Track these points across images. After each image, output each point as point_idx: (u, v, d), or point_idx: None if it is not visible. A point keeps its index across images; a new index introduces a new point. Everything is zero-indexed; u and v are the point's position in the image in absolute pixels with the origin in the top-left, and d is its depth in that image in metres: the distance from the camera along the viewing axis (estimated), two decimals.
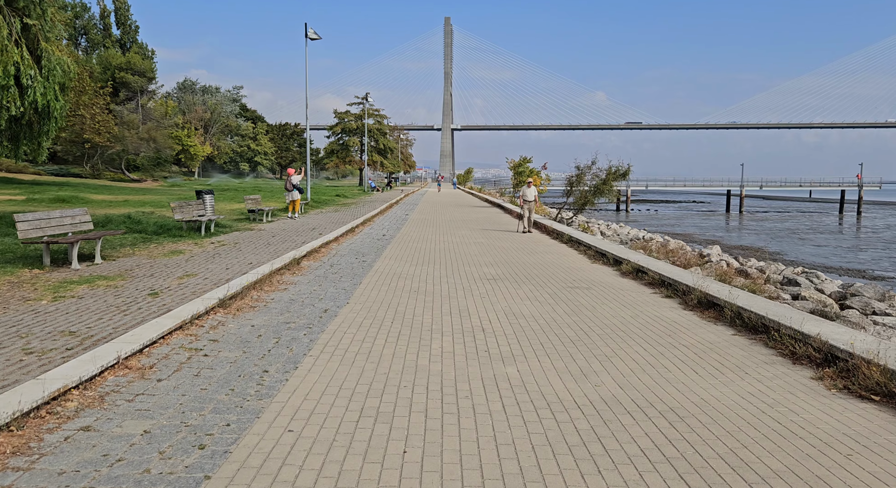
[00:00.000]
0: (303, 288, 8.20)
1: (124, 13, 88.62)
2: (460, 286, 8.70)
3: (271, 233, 14.82)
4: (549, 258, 12.09)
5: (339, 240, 14.21)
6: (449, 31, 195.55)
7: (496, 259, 11.79)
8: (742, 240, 42.71)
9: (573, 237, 14.36)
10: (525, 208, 16.65)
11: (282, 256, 10.20)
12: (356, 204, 30.63)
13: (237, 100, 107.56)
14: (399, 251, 12.69)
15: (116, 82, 66.08)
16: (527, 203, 16.59)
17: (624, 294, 8.28)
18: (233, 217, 19.01)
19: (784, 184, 78.90)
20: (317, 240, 12.91)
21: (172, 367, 4.66)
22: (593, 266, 11.08)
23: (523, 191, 16.74)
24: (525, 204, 16.65)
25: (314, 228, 16.28)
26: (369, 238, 15.32)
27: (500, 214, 25.65)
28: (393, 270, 10.03)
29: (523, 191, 16.74)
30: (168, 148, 57.49)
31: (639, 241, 15.82)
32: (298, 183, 19.17)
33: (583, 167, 19.86)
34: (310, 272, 9.57)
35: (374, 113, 65.44)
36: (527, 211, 16.58)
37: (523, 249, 13.47)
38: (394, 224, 19.90)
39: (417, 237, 15.72)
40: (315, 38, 24.61)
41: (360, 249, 12.83)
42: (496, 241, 14.93)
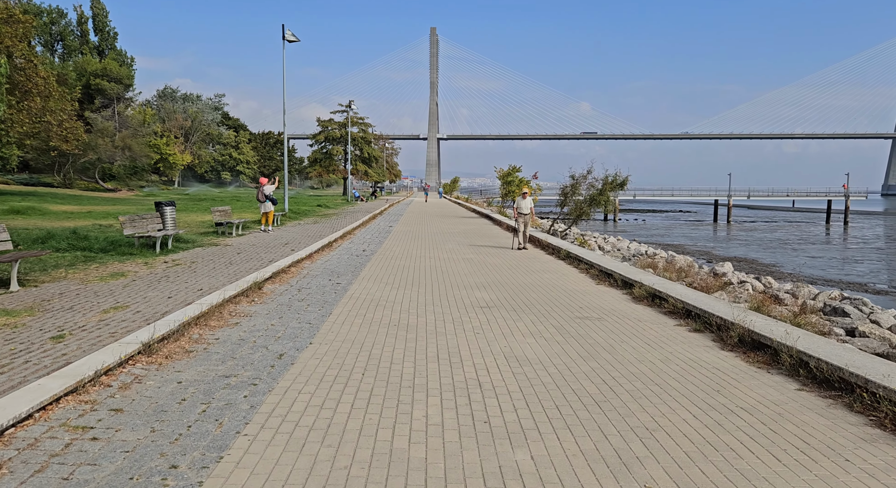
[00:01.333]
0: (259, 321, 6.77)
1: (102, 19, 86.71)
2: (449, 316, 7.33)
3: (238, 249, 13.34)
4: (548, 278, 10.78)
5: (312, 258, 12.78)
6: (435, 41, 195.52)
7: (489, 280, 10.45)
8: (733, 252, 41.84)
9: (571, 253, 13.08)
10: (520, 221, 14.98)
11: (241, 279, 8.76)
12: (337, 215, 29.17)
13: (219, 108, 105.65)
14: (379, 270, 11.31)
15: (92, 89, 64.15)
16: (522, 216, 14.95)
17: (643, 327, 6.97)
18: (200, 230, 17.49)
19: (771, 194, 78.81)
20: (287, 258, 11.47)
21: (33, 465, 3.21)
22: (599, 288, 9.78)
23: (517, 202, 15.05)
24: (520, 217, 14.98)
25: (287, 243, 14.82)
26: (347, 254, 13.91)
27: (488, 226, 24.37)
28: (371, 295, 8.63)
29: (517, 203, 15.05)
30: (144, 156, 55.55)
31: (643, 257, 14.60)
32: (272, 193, 17.72)
33: (578, 176, 18.64)
34: (272, 299, 8.14)
35: (358, 121, 64.08)
36: (521, 224, 14.94)
37: (518, 267, 12.16)
38: (376, 237, 18.50)
39: (401, 252, 14.34)
40: (293, 40, 23.27)
41: (335, 268, 11.41)
42: (487, 257, 13.60)
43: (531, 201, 14.99)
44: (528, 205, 14.90)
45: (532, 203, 14.89)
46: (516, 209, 15.05)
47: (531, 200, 15.00)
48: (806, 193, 76.84)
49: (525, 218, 14.94)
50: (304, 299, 8.21)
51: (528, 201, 14.95)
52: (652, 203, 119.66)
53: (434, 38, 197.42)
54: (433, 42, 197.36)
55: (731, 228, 63.94)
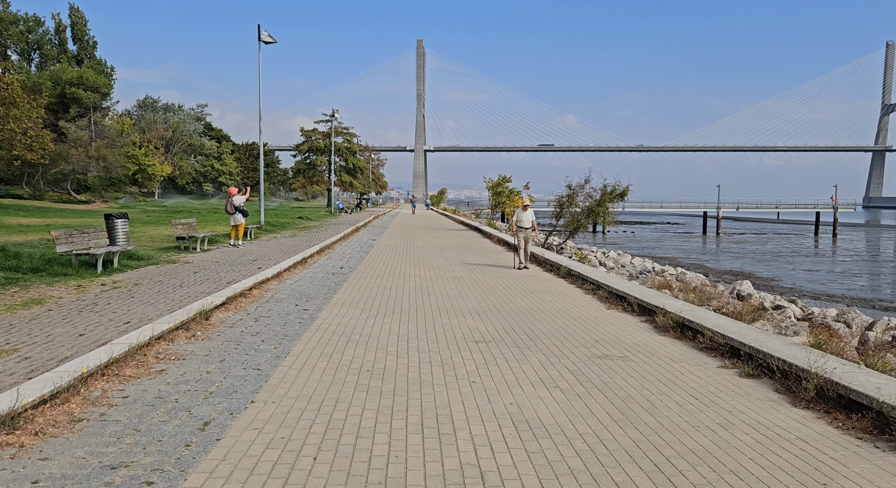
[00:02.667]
0: (192, 367, 5.25)
1: (81, 28, 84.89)
2: (437, 356, 5.86)
3: (197, 266, 11.77)
4: (551, 302, 9.36)
5: (281, 277, 11.25)
6: (421, 53, 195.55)
7: (484, 303, 9.01)
8: (728, 264, 40.85)
9: (573, 271, 11.70)
10: (520, 237, 13.09)
11: (185, 307, 7.23)
12: (318, 227, 27.61)
13: (201, 118, 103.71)
14: (356, 291, 9.82)
15: (67, 98, 62.17)
16: (522, 230, 13.06)
17: (680, 370, 5.56)
18: (163, 245, 15.87)
19: (760, 206, 78.58)
20: (250, 278, 9.94)
21: None
22: (612, 314, 8.37)
23: (517, 214, 13.17)
24: (520, 231, 13.09)
25: (256, 260, 13.27)
26: (323, 272, 12.40)
27: (478, 239, 22.97)
28: (342, 326, 7.15)
29: (517, 215, 13.17)
30: (120, 166, 53.55)
31: (651, 275, 13.27)
32: (242, 204, 16.17)
33: (575, 186, 17.31)
34: (219, 333, 6.62)
35: (342, 130, 62.65)
36: (522, 240, 13.08)
37: (514, 287, 10.73)
38: (357, 252, 17.01)
39: (383, 270, 12.87)
40: (270, 41, 21.86)
41: (305, 290, 9.90)
42: (480, 275, 12.17)
43: (532, 214, 13.22)
44: (529, 217, 13.11)
45: (533, 216, 13.27)
46: (514, 222, 13.21)
47: (532, 213, 13.23)
48: (794, 205, 76.67)
49: (526, 233, 13.09)
50: (259, 332, 6.69)
51: (530, 214, 13.18)
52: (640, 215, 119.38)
53: (421, 51, 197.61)
54: (420, 54, 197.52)
55: (720, 240, 63.31)
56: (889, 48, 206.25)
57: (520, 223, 13.16)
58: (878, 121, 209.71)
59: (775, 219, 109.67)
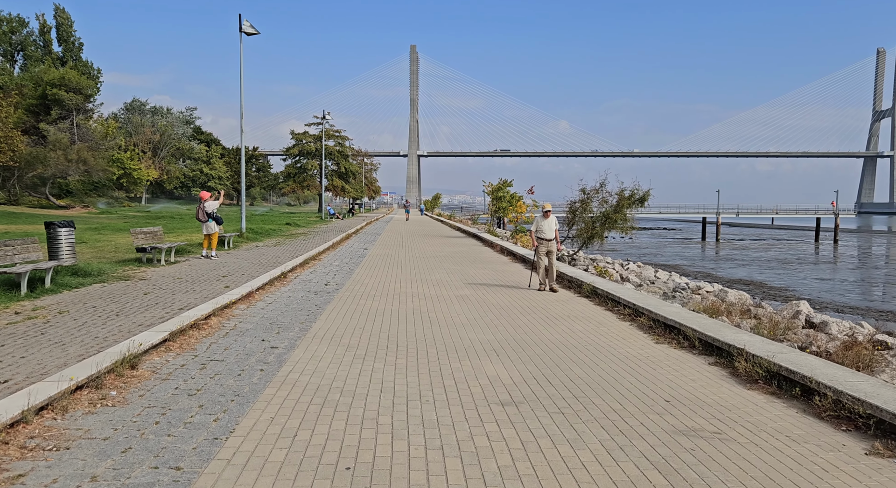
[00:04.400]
0: (69, 469, 3.39)
1: (67, 29, 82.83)
2: (451, 436, 4.02)
3: (153, 284, 9.87)
4: (583, 332, 7.55)
5: (252, 298, 9.37)
6: (415, 58, 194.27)
7: (500, 335, 7.18)
8: (735, 273, 39.22)
9: (599, 289, 9.90)
10: (541, 251, 10.65)
11: (108, 350, 5.35)
12: (306, 234, 25.71)
13: (190, 122, 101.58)
14: (342, 318, 7.97)
15: (49, 99, 59.99)
16: (544, 242, 10.61)
17: (816, 461, 3.75)
18: (125, 257, 13.94)
19: (760, 212, 77.39)
20: (209, 303, 8.06)
21: None
22: (666, 352, 6.56)
23: (536, 223, 10.74)
24: (541, 243, 10.64)
25: (226, 275, 11.38)
26: (304, 290, 10.53)
27: (478, 248, 21.16)
28: (317, 375, 5.30)
29: (537, 225, 10.72)
30: (101, 170, 51.37)
31: (686, 293, 11.50)
32: (215, 210, 14.27)
33: (589, 190, 15.51)
34: (143, 391, 4.75)
35: (334, 134, 60.76)
36: (544, 256, 10.62)
37: (533, 311, 8.91)
38: (346, 264, 15.15)
39: (375, 287, 11.02)
40: (252, 32, 20.05)
41: (279, 316, 8.04)
42: (488, 294, 10.34)
43: (556, 222, 10.74)
44: (551, 227, 10.62)
45: (557, 224, 10.82)
46: (534, 233, 10.76)
47: (555, 221, 10.75)
48: (795, 210, 75.48)
49: (549, 245, 10.60)
50: (200, 390, 4.82)
51: (552, 222, 10.68)
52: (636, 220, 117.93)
53: (414, 56, 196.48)
54: (413, 59, 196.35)
55: (720, 247, 61.91)
56: (880, 55, 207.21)
57: (541, 234, 10.72)
58: (870, 127, 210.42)
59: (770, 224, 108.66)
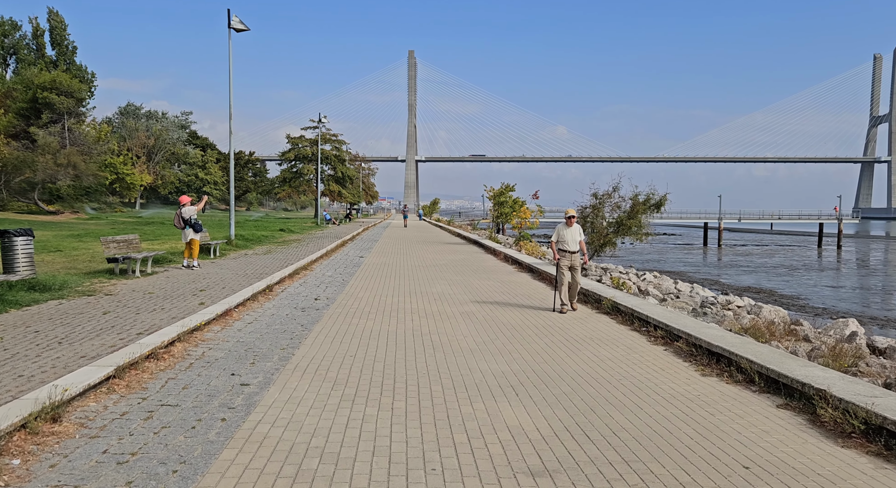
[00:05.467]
0: None
1: (60, 32, 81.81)
2: None
3: (118, 301, 8.72)
4: (612, 359, 6.43)
5: (229, 317, 8.23)
6: (413, 64, 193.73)
7: (515, 364, 6.06)
8: (743, 280, 38.18)
9: (620, 305, 8.79)
10: (564, 265, 9.06)
11: (22, 398, 4.22)
12: (300, 241, 24.57)
13: (186, 126, 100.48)
14: (330, 343, 6.84)
15: (39, 103, 58.87)
16: (567, 255, 9.07)
17: None
18: (99, 267, 12.79)
19: (762, 217, 76.48)
20: (175, 325, 6.92)
21: None
22: (718, 389, 5.45)
23: (558, 232, 9.15)
24: (564, 256, 9.09)
25: (205, 288, 10.24)
26: (290, 306, 9.40)
27: (480, 255, 20.06)
28: (293, 427, 4.17)
29: (558, 233, 9.14)
30: (91, 175, 50.15)
31: (716, 308, 10.39)
32: (195, 216, 13.14)
33: (602, 195, 14.43)
34: (57, 456, 3.61)
35: (331, 137, 59.67)
36: (566, 271, 9.05)
37: (550, 331, 7.79)
38: (340, 274, 14.02)
39: (370, 302, 9.89)
40: (241, 29, 18.99)
41: (256, 341, 6.90)
42: (497, 310, 9.23)
43: (580, 232, 9.19)
44: (576, 237, 9.08)
45: (582, 234, 9.28)
46: (555, 244, 9.19)
47: (580, 230, 9.20)
48: (797, 215, 74.59)
49: (573, 259, 9.04)
50: (135, 454, 3.68)
51: (576, 231, 9.13)
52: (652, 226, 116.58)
53: (412, 61, 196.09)
54: (411, 65, 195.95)
55: (723, 252, 60.95)
56: (877, 60, 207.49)
57: (563, 245, 9.08)
58: (867, 132, 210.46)
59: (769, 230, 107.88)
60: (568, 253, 9.13)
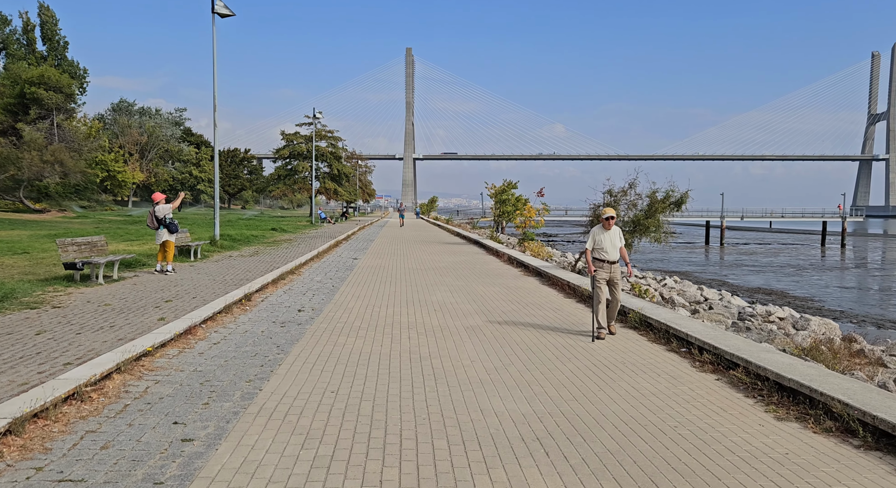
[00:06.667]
0: None
1: (51, 27, 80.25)
2: None
3: (62, 317, 7.43)
4: (654, 391, 5.18)
5: (192, 336, 6.94)
6: (410, 61, 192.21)
7: (538, 403, 4.80)
8: (750, 281, 36.96)
9: (650, 319, 7.55)
10: (600, 279, 7.31)
11: None
12: (291, 241, 23.28)
13: (180, 123, 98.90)
14: (307, 372, 5.58)
15: (27, 98, 57.41)
16: (605, 265, 7.36)
17: None
18: (61, 273, 11.48)
19: (765, 215, 75.41)
20: (116, 352, 5.63)
21: None
22: (807, 440, 4.19)
23: (594, 236, 7.39)
24: (601, 267, 7.36)
25: (172, 298, 8.95)
26: (269, 320, 8.12)
27: (482, 257, 18.80)
28: None
29: (594, 238, 7.38)
30: (79, 172, 48.71)
31: (756, 321, 9.15)
32: (169, 215, 11.84)
33: (617, 192, 13.15)
34: None
35: (326, 134, 58.28)
36: (604, 285, 7.33)
37: (573, 353, 6.54)
38: (330, 279, 12.74)
39: (360, 314, 8.62)
40: (226, 13, 17.68)
41: (217, 369, 5.63)
42: (508, 325, 7.97)
43: (621, 236, 7.47)
44: (616, 243, 7.38)
45: (622, 239, 7.51)
46: (590, 251, 7.44)
47: (620, 234, 7.45)
48: (801, 214, 73.56)
49: (612, 270, 7.37)
50: None
51: (616, 235, 7.40)
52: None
53: (410, 59, 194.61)
54: (409, 62, 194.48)
55: (726, 251, 59.86)
56: (875, 58, 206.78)
57: (601, 253, 7.33)
58: (865, 130, 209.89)
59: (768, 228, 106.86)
60: (606, 263, 7.37)
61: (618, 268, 7.50)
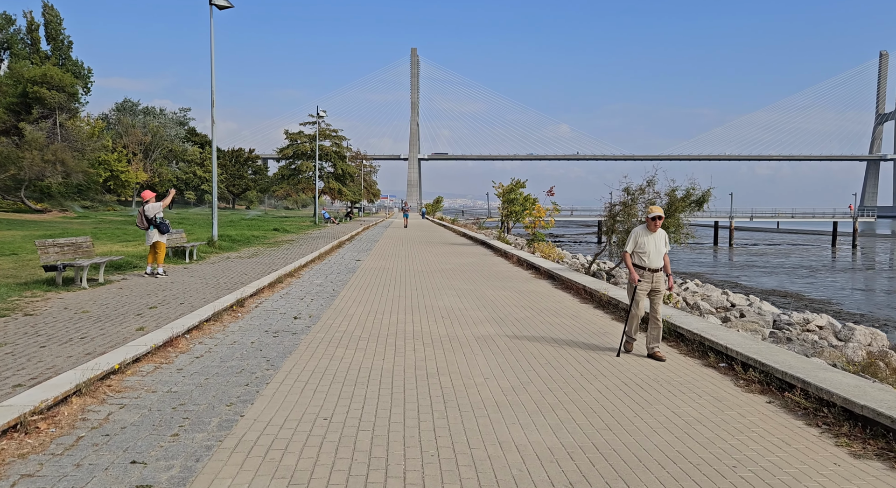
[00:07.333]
0: None
1: (55, 27, 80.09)
2: None
3: (31, 326, 6.74)
4: (699, 418, 4.44)
5: (174, 348, 6.24)
6: (415, 61, 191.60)
7: (566, 433, 4.07)
8: (763, 282, 36.10)
9: (681, 329, 6.80)
10: (642, 291, 6.31)
11: None
12: (293, 242, 22.60)
13: (184, 122, 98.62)
14: (299, 393, 4.86)
15: (30, 98, 57.07)
16: (648, 274, 6.30)
17: None
18: (44, 276, 10.81)
19: (775, 215, 74.36)
20: (77, 371, 4.93)
21: None
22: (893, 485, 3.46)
23: (635, 238, 6.33)
24: (645, 276, 6.31)
25: (156, 305, 8.25)
26: (261, 328, 7.42)
27: (490, 258, 18.07)
28: None
29: (636, 240, 6.33)
30: (81, 172, 48.25)
31: (794, 330, 8.36)
32: (159, 215, 11.15)
33: (634, 190, 12.42)
34: None
35: (330, 133, 57.65)
36: (645, 298, 6.35)
37: (598, 368, 5.81)
38: (331, 281, 12.03)
39: (360, 322, 7.90)
40: (224, 5, 17.01)
41: (195, 390, 4.92)
42: (523, 335, 7.24)
43: (667, 240, 6.36)
44: (661, 248, 6.28)
45: (668, 244, 6.40)
46: (629, 256, 6.36)
47: (666, 238, 6.34)
48: (812, 214, 72.49)
49: (655, 279, 6.27)
50: None
51: (663, 239, 6.31)
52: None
53: (415, 59, 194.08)
54: (414, 63, 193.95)
55: (735, 252, 58.93)
56: (882, 58, 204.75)
57: (643, 260, 6.26)
58: (872, 130, 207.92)
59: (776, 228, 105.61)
60: (648, 270, 6.20)
61: (661, 278, 6.30)
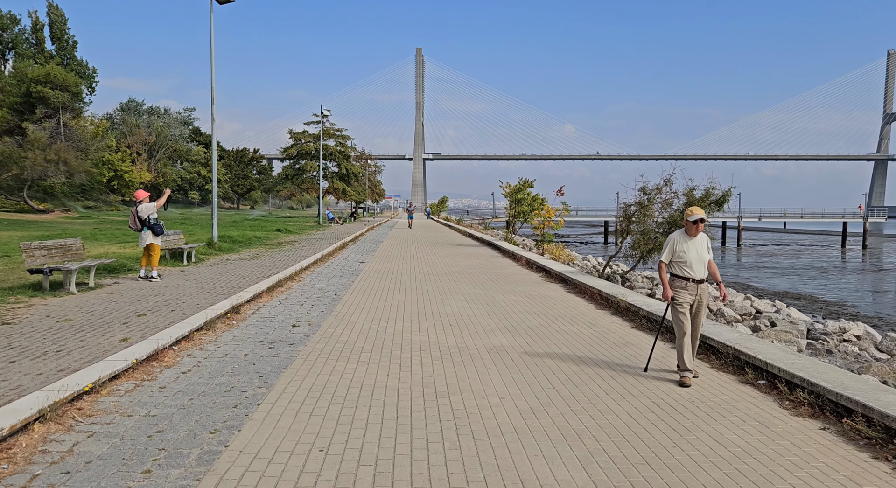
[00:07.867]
0: None
1: (60, 27, 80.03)
2: None
3: (4, 337, 6.24)
4: (748, 450, 3.86)
5: (159, 362, 5.71)
6: (420, 61, 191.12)
7: (597, 471, 3.50)
8: (774, 284, 35.37)
9: (710, 341, 6.23)
10: (684, 303, 5.41)
11: None
12: (295, 243, 22.10)
13: (188, 122, 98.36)
14: (293, 417, 4.32)
15: (33, 97, 56.85)
16: (691, 285, 5.41)
17: None
18: (31, 280, 10.32)
19: (783, 215, 73.49)
20: (43, 390, 4.40)
21: None
22: None
23: (673, 245, 5.46)
24: (686, 287, 5.41)
25: (145, 313, 7.73)
26: (257, 337, 6.88)
27: (498, 259, 17.50)
28: None
29: (674, 248, 5.45)
30: (84, 172, 47.94)
31: (831, 341, 7.74)
32: (153, 215, 10.64)
33: (651, 190, 11.83)
34: None
35: (335, 132, 57.18)
36: (688, 312, 5.42)
37: (627, 387, 5.24)
38: (333, 285, 11.49)
39: (363, 331, 7.36)
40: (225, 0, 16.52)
41: (175, 414, 4.38)
42: (541, 348, 6.68)
43: (709, 245, 5.58)
44: (704, 255, 5.49)
45: (710, 250, 5.60)
46: (665, 264, 5.58)
47: (709, 244, 5.56)
48: (821, 214, 71.56)
49: (699, 291, 5.45)
50: None
51: (705, 245, 5.54)
52: None
53: (420, 59, 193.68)
54: (419, 63, 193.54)
55: (744, 253, 58.14)
56: (890, 57, 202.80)
57: (682, 268, 5.44)
58: (880, 130, 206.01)
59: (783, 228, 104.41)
60: (691, 281, 5.40)
61: (706, 289, 5.47)
